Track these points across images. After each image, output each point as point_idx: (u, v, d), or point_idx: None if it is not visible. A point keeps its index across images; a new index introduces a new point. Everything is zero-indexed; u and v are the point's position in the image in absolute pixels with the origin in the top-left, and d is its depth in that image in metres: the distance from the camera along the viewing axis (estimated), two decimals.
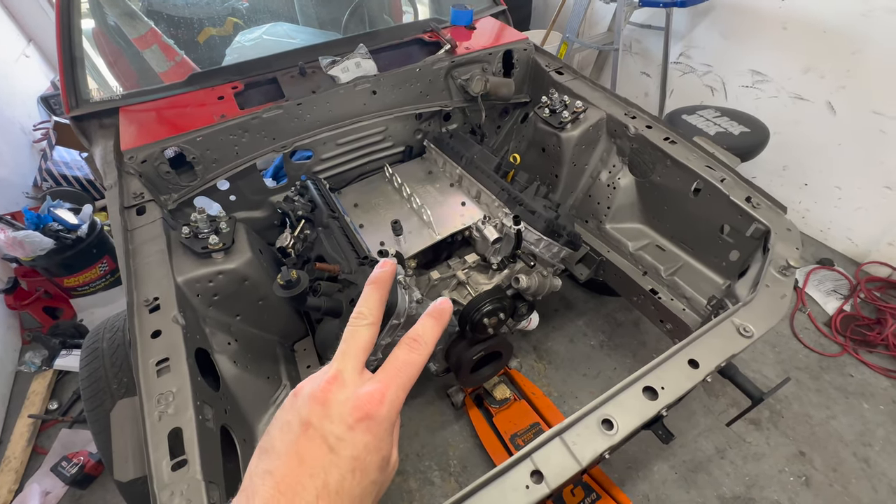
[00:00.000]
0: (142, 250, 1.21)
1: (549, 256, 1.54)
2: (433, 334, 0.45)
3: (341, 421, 0.38)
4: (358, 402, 0.39)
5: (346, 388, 0.40)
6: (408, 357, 0.43)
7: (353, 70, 1.72)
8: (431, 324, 0.46)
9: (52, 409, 2.20)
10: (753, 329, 1.09)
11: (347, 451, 0.37)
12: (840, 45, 2.32)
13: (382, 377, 0.42)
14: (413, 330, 0.45)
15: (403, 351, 0.44)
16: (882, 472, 1.82)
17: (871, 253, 2.56)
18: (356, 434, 0.38)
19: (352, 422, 0.38)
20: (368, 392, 0.40)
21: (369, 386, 0.41)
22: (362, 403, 0.39)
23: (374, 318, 0.46)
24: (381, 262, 0.50)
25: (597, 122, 1.73)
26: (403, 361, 0.43)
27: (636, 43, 3.42)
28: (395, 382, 0.41)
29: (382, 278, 0.48)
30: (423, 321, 0.46)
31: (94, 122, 1.63)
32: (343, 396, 0.40)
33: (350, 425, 0.38)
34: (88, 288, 2.57)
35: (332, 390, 0.40)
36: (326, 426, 0.38)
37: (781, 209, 1.36)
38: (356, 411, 0.39)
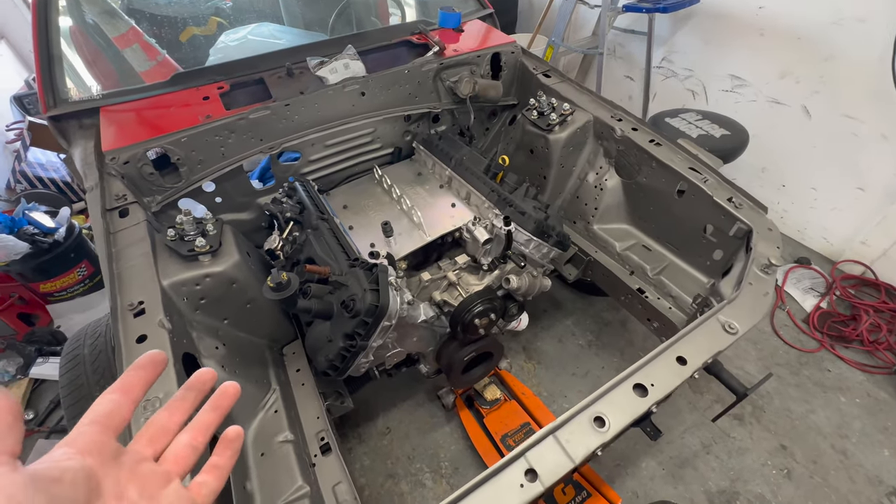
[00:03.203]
0: (125, 253, 1.18)
1: (538, 257, 1.55)
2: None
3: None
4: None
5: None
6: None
7: (341, 71, 1.71)
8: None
9: (28, 419, 2.12)
10: (738, 325, 1.12)
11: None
12: (813, 51, 2.41)
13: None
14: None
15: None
16: (859, 463, 1.89)
17: (845, 252, 2.66)
18: None
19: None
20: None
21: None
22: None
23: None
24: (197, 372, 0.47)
25: (584, 124, 1.76)
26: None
27: (620, 47, 3.48)
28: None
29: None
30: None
31: (73, 122, 1.58)
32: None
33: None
34: (66, 293, 2.49)
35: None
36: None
37: (762, 209, 1.40)
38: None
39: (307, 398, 1.37)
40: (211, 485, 0.44)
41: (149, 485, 0.39)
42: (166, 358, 0.46)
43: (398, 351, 1.49)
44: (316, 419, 1.31)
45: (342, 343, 1.22)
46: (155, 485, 0.40)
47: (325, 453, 1.23)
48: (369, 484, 1.86)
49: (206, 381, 0.47)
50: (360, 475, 1.89)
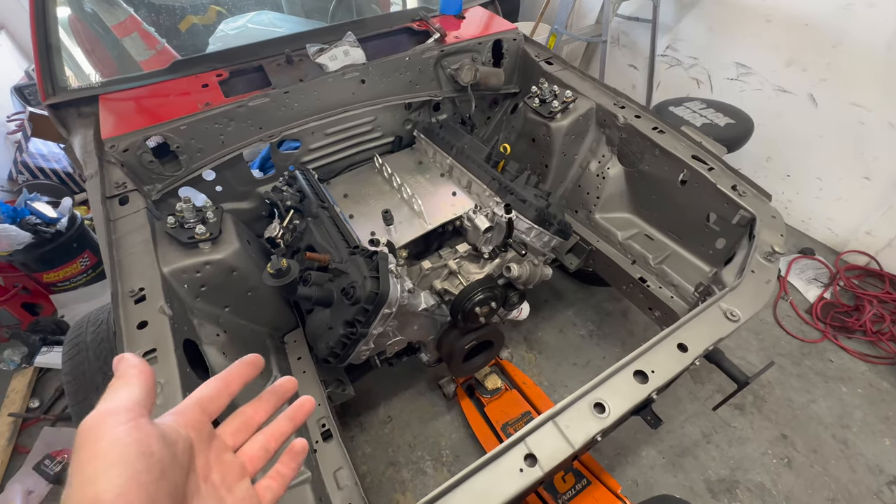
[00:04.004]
0: (125, 241, 1.18)
1: (539, 245, 1.55)
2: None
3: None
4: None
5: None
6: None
7: (341, 58, 1.69)
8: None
9: (34, 407, 2.14)
10: (740, 313, 1.11)
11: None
12: (821, 38, 2.37)
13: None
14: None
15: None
16: (860, 453, 1.89)
17: (849, 242, 2.64)
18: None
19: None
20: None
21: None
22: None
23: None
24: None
25: (586, 112, 1.74)
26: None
27: (624, 35, 3.44)
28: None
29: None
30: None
31: (72, 110, 1.58)
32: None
33: None
34: (69, 283, 2.50)
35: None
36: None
37: (766, 197, 1.39)
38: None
39: (308, 385, 1.37)
40: (275, 490, 0.46)
41: (228, 474, 0.42)
42: (263, 362, 0.50)
43: (399, 339, 1.49)
44: (317, 406, 1.32)
45: (342, 330, 1.23)
46: (233, 476, 0.43)
47: (327, 440, 1.24)
48: (371, 471, 1.88)
49: (289, 390, 0.51)
50: (362, 462, 1.90)
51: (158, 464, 0.35)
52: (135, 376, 0.39)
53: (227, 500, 0.41)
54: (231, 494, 0.42)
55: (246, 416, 0.47)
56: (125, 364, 0.40)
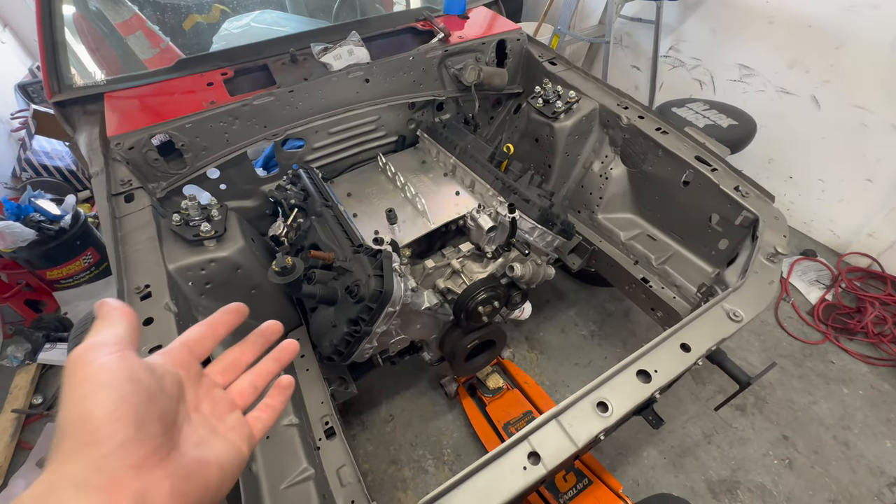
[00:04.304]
0: (131, 238, 1.19)
1: (542, 245, 1.55)
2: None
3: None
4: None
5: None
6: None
7: (345, 57, 1.69)
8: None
9: (37, 403, 2.15)
10: (743, 313, 1.12)
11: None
12: (824, 39, 2.37)
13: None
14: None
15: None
16: (860, 454, 1.89)
17: (851, 244, 2.64)
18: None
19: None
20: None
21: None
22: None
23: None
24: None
25: (590, 112, 1.74)
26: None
27: (627, 36, 3.44)
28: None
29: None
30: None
31: (77, 108, 1.58)
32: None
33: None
34: (72, 280, 2.51)
35: None
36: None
37: (769, 198, 1.39)
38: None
39: (311, 383, 1.38)
40: (264, 420, 0.49)
41: (218, 406, 0.45)
42: (247, 310, 0.53)
43: (402, 338, 1.49)
44: (320, 404, 1.32)
45: (346, 328, 1.23)
46: (222, 408, 0.46)
47: (330, 437, 1.24)
48: (372, 469, 1.88)
49: (274, 332, 0.54)
50: (364, 461, 1.91)
51: (146, 390, 0.36)
52: (117, 316, 0.40)
53: (219, 427, 0.43)
54: (222, 423, 0.44)
55: (234, 357, 0.50)
56: (107, 307, 0.41)
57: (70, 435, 0.33)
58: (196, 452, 0.39)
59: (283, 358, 0.53)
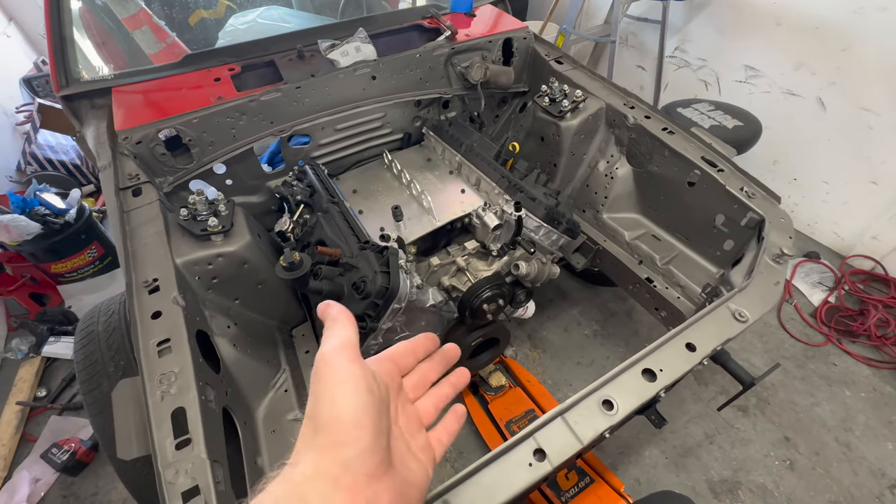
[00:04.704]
0: (139, 232, 1.19)
1: (548, 244, 1.55)
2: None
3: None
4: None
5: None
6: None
7: (352, 54, 1.70)
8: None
9: (41, 396, 2.16)
10: (748, 314, 1.12)
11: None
12: (831, 41, 2.36)
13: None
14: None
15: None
16: (862, 456, 1.89)
17: (855, 247, 2.64)
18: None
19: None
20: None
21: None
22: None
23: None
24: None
25: (596, 111, 1.74)
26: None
27: (632, 36, 3.43)
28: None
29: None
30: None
31: (85, 102, 1.59)
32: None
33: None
34: (77, 274, 2.52)
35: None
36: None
37: (775, 199, 1.39)
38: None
39: None
40: (444, 443, 0.52)
41: (411, 423, 0.48)
42: (438, 340, 0.57)
43: (406, 335, 1.50)
44: None
45: None
46: (414, 424, 0.49)
47: None
48: None
49: (454, 356, 0.58)
50: None
51: (379, 400, 0.41)
52: (346, 320, 0.45)
53: (412, 444, 0.46)
54: (413, 440, 0.47)
55: (423, 373, 0.53)
56: (334, 310, 0.45)
57: (325, 431, 0.37)
58: (405, 474, 0.42)
59: (458, 383, 0.57)
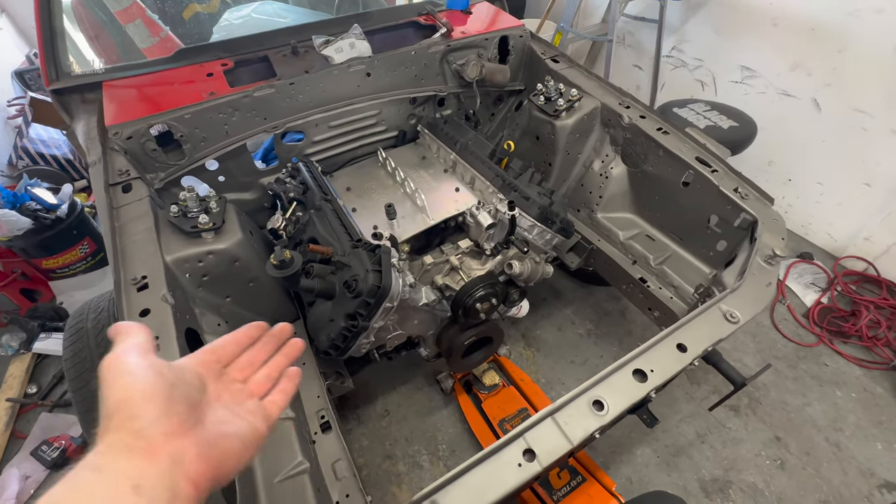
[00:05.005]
0: (128, 228, 1.18)
1: (541, 243, 1.55)
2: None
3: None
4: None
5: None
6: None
7: (347, 51, 1.68)
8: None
9: (32, 392, 2.15)
10: (739, 315, 1.12)
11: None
12: (827, 42, 2.37)
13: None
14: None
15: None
16: (852, 456, 1.91)
17: (848, 248, 2.65)
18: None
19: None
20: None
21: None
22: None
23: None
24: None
25: (591, 111, 1.74)
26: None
27: (629, 35, 3.43)
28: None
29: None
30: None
31: (75, 96, 1.57)
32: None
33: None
34: (68, 270, 2.50)
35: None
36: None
37: (769, 200, 1.40)
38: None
39: (308, 377, 1.38)
40: (279, 402, 0.58)
41: (237, 396, 0.55)
42: (266, 326, 0.64)
43: (399, 333, 1.49)
44: (316, 398, 1.32)
45: (344, 323, 1.23)
46: (242, 397, 0.55)
47: (325, 431, 1.24)
48: (367, 464, 1.89)
49: (285, 332, 0.65)
50: (359, 455, 1.91)
51: (169, 380, 0.45)
52: (135, 330, 0.49)
53: (239, 411, 0.52)
54: (241, 407, 0.53)
55: (250, 357, 0.60)
56: (122, 325, 0.50)
57: (115, 414, 0.42)
58: (218, 428, 0.48)
59: (291, 353, 0.64)
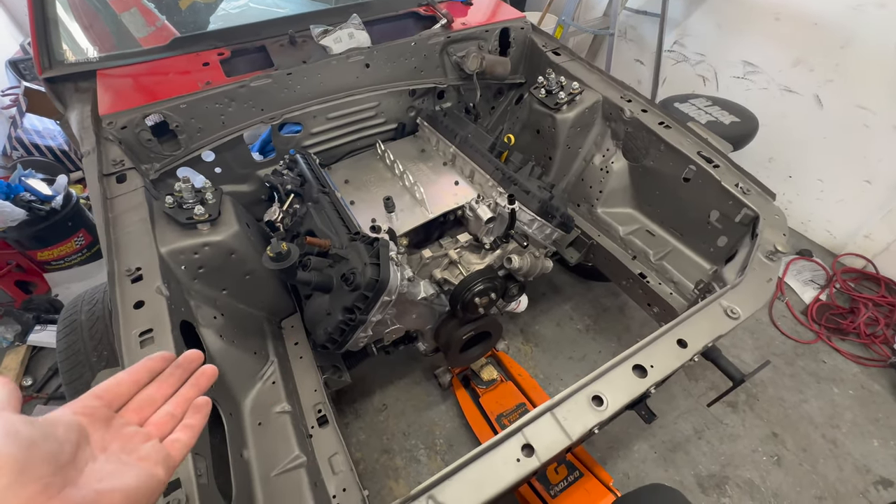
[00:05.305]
0: (122, 219, 1.16)
1: (541, 238, 1.54)
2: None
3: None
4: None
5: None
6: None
7: (345, 41, 1.66)
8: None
9: (27, 385, 2.13)
10: (740, 311, 1.11)
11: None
12: (830, 38, 2.35)
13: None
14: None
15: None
16: (847, 453, 1.91)
17: (847, 245, 2.65)
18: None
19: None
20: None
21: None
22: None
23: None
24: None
25: (592, 104, 1.72)
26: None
27: (631, 29, 3.40)
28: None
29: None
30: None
31: (69, 85, 1.54)
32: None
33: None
34: (63, 262, 2.48)
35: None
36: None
37: (770, 196, 1.38)
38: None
39: (305, 371, 1.37)
40: (183, 440, 0.51)
41: (130, 442, 0.47)
42: (173, 357, 0.55)
43: (397, 328, 1.48)
44: (313, 392, 1.31)
45: (341, 316, 1.22)
46: (136, 442, 0.47)
47: (322, 425, 1.23)
48: (364, 458, 1.89)
49: (194, 361, 0.56)
50: (356, 449, 1.91)
51: (27, 440, 0.38)
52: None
53: (129, 460, 0.45)
54: (134, 454, 0.46)
55: (147, 395, 0.52)
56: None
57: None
58: (97, 485, 0.41)
59: (201, 383, 0.56)
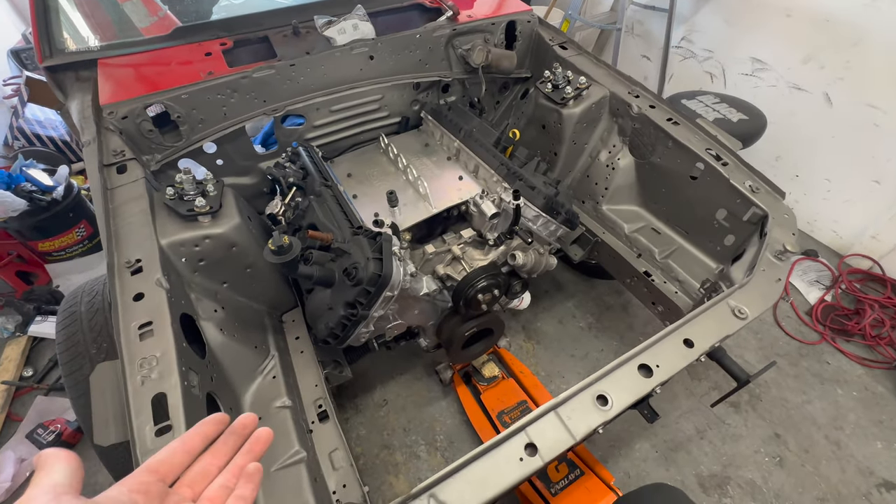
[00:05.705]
0: (122, 210, 1.15)
1: (546, 234, 1.52)
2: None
3: None
4: None
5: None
6: None
7: (350, 32, 1.64)
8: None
9: (28, 375, 2.13)
10: (748, 311, 1.10)
11: None
12: (842, 35, 2.31)
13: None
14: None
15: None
16: (850, 454, 1.90)
17: (854, 245, 2.62)
18: None
19: None
20: None
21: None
22: None
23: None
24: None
25: (599, 99, 1.70)
26: None
27: (638, 25, 3.36)
28: None
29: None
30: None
31: (70, 74, 1.53)
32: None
33: None
34: (65, 253, 2.47)
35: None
36: None
37: (780, 194, 1.36)
38: None
39: (306, 366, 1.36)
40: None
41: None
42: (227, 419, 0.54)
43: (399, 323, 1.47)
44: (314, 387, 1.30)
45: (343, 311, 1.20)
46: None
47: (323, 420, 1.23)
48: (365, 453, 1.88)
49: (248, 426, 0.54)
50: (356, 444, 1.90)
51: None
52: (54, 463, 0.42)
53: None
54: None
55: (202, 467, 0.50)
56: (44, 457, 0.43)
57: None
58: None
59: (255, 450, 0.53)
